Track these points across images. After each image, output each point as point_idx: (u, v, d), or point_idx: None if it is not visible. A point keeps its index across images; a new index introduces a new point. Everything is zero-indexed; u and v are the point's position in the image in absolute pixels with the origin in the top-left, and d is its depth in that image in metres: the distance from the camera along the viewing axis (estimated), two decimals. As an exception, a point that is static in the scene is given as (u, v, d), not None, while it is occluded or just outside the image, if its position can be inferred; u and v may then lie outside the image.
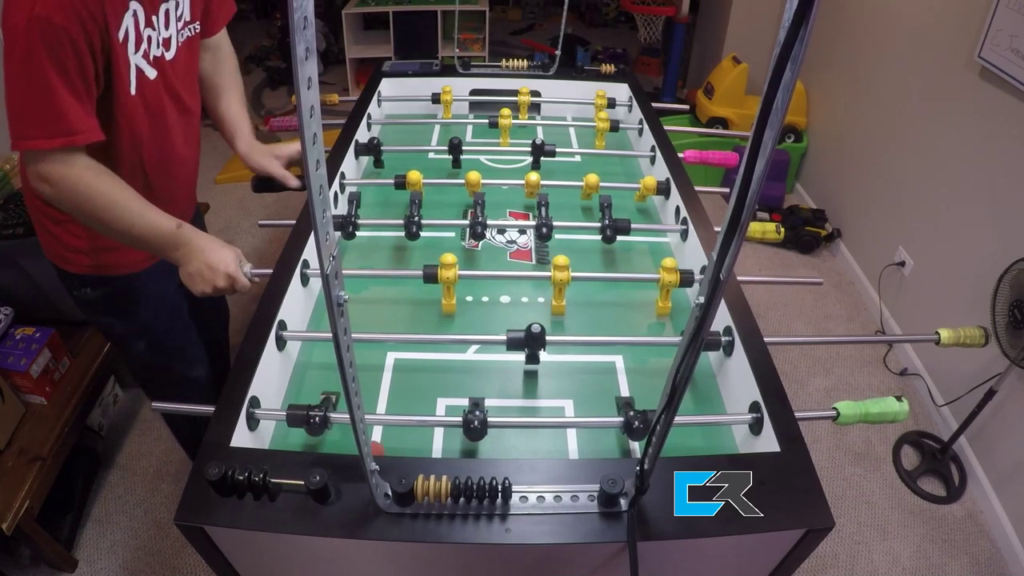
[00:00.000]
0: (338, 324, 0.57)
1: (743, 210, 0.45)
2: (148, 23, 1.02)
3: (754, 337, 1.02)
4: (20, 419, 1.68)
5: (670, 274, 1.15)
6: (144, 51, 1.03)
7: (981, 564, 1.81)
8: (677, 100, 3.99)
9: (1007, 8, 1.85)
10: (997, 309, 1.71)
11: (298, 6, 0.40)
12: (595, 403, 1.03)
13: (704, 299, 0.52)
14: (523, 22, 5.76)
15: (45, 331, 1.74)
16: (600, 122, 1.69)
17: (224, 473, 0.73)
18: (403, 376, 1.07)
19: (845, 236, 2.95)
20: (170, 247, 1.06)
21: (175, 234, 1.05)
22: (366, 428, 0.71)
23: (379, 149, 1.58)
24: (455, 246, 1.37)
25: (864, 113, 2.79)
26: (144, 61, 1.04)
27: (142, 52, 1.02)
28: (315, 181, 0.48)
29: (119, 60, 0.98)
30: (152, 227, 1.03)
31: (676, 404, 0.61)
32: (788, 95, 0.39)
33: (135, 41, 1.00)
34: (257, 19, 5.39)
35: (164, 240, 1.05)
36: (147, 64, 1.04)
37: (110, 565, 1.75)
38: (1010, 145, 1.89)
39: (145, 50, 1.03)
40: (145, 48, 1.03)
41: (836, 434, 2.15)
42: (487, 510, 0.75)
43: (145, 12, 1.01)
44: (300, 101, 0.44)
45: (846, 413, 0.93)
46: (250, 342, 0.98)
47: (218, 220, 3.13)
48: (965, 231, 2.11)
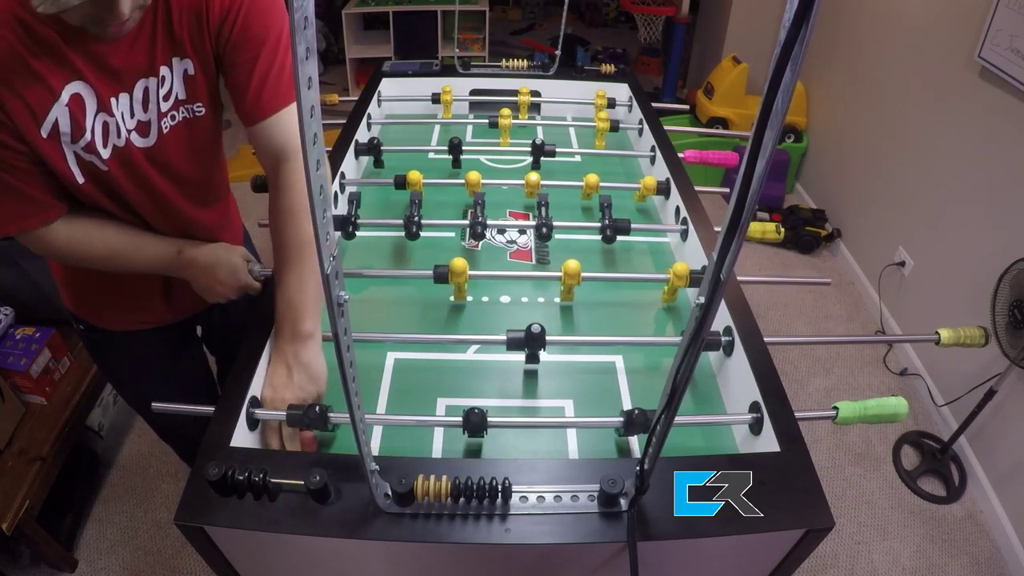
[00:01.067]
0: (338, 324, 0.57)
1: (743, 210, 0.45)
2: (104, 108, 0.86)
3: (754, 337, 1.02)
4: (20, 419, 1.68)
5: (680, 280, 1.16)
6: (89, 143, 0.86)
7: (981, 564, 1.81)
8: (677, 100, 3.99)
9: (1007, 8, 1.85)
10: (997, 309, 1.71)
11: (299, 6, 0.40)
12: (595, 403, 1.03)
13: (704, 299, 0.52)
14: (523, 22, 5.76)
15: (45, 331, 1.74)
16: (600, 122, 1.69)
17: (224, 473, 0.73)
18: (403, 376, 1.07)
19: (845, 236, 2.95)
20: (175, 271, 1.07)
21: (177, 260, 1.05)
22: (366, 428, 0.71)
23: (379, 149, 1.58)
24: (455, 246, 1.37)
25: (864, 113, 2.80)
26: (89, 154, 0.88)
27: (83, 145, 0.86)
28: (315, 181, 0.48)
29: (49, 153, 0.84)
30: (153, 260, 1.04)
31: (676, 404, 0.61)
32: (788, 96, 0.39)
33: (72, 133, 0.84)
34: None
35: (168, 268, 1.06)
36: (95, 157, 0.88)
37: (110, 565, 1.75)
38: (1010, 145, 1.89)
39: (92, 142, 0.86)
40: (93, 140, 0.86)
41: (836, 434, 2.15)
42: (487, 510, 0.75)
43: (100, 94, 0.84)
44: (300, 101, 0.44)
45: (846, 413, 0.93)
46: (250, 342, 0.98)
47: (218, 220, 3.12)
48: (965, 231, 2.11)
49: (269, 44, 0.93)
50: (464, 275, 1.14)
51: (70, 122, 0.83)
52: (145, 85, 0.88)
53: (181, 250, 1.05)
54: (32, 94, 0.79)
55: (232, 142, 3.64)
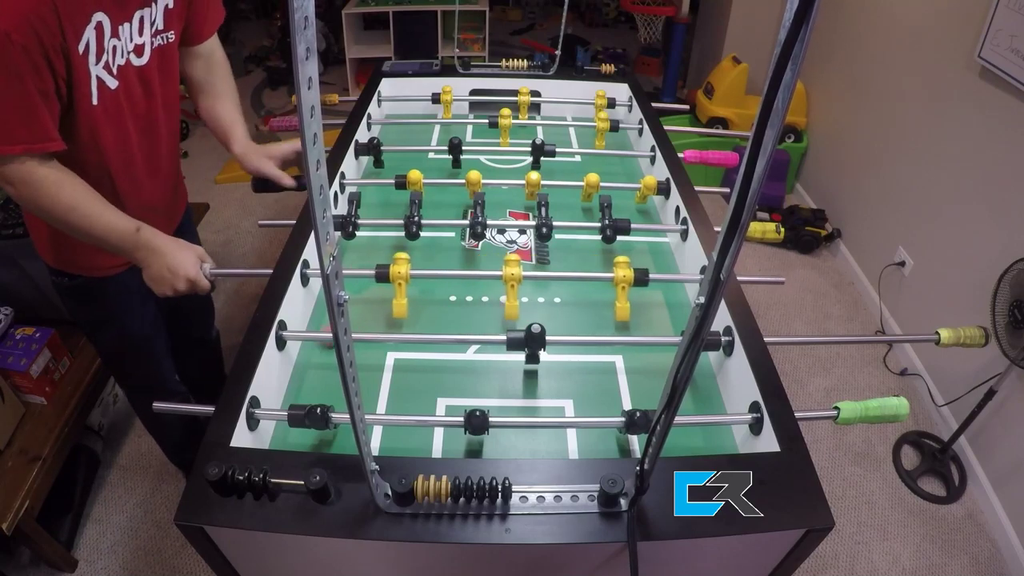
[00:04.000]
0: (338, 324, 0.57)
1: (743, 210, 0.45)
2: (114, 33, 1.02)
3: (754, 337, 1.02)
4: (20, 419, 1.68)
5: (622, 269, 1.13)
6: (106, 62, 1.03)
7: (981, 564, 1.81)
8: (677, 100, 3.99)
9: (1007, 8, 1.85)
10: (997, 309, 1.71)
11: (299, 6, 0.40)
12: (595, 403, 1.03)
13: (704, 299, 0.52)
14: (523, 22, 5.76)
15: (45, 331, 1.74)
16: (600, 122, 1.69)
17: (224, 473, 0.73)
18: (403, 376, 1.07)
19: (845, 236, 2.95)
20: (129, 249, 1.09)
21: (134, 236, 1.08)
22: (366, 428, 0.71)
23: (379, 149, 1.58)
24: (455, 246, 1.37)
25: (864, 113, 2.79)
26: (106, 72, 1.03)
27: (103, 64, 1.02)
28: (315, 181, 0.48)
29: (79, 72, 0.99)
30: (110, 229, 1.06)
31: (676, 404, 0.61)
32: (789, 95, 0.39)
33: (96, 52, 1.00)
34: (257, 19, 5.38)
35: (123, 242, 1.08)
36: (108, 75, 1.04)
37: (110, 565, 1.75)
38: (1010, 145, 1.89)
39: (107, 61, 1.03)
40: (107, 59, 1.03)
41: (836, 434, 2.15)
42: (487, 510, 0.75)
43: (112, 22, 1.01)
44: (300, 101, 0.44)
45: (847, 413, 0.93)
46: (250, 342, 0.98)
47: (218, 220, 3.12)
48: (965, 231, 2.11)
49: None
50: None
51: (96, 43, 0.99)
52: (141, 15, 1.07)
53: (140, 228, 1.08)
54: (73, 15, 0.94)
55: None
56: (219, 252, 2.87)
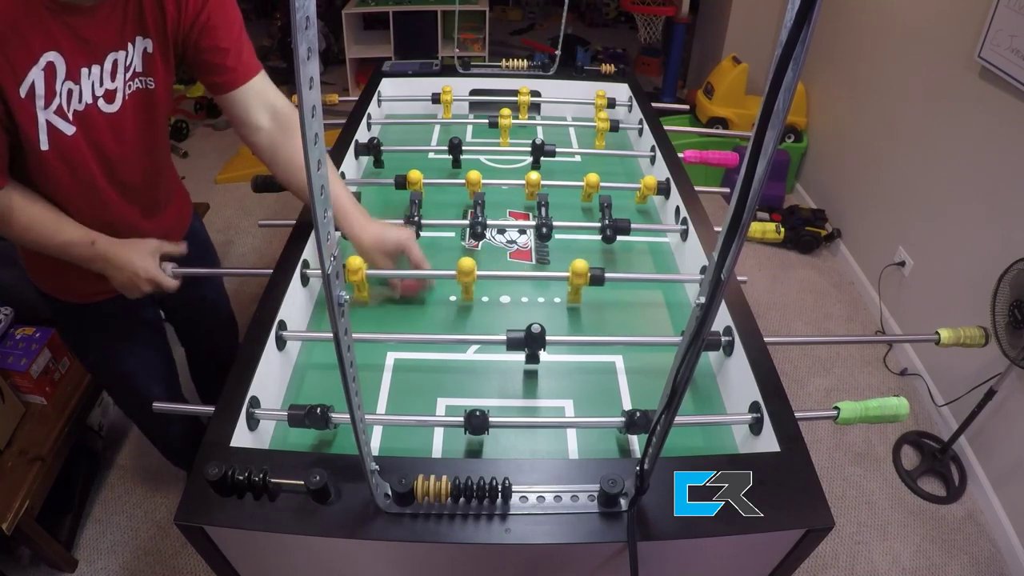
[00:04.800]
0: (338, 324, 0.57)
1: (744, 211, 0.45)
2: (71, 76, 0.94)
3: (754, 337, 1.02)
4: (20, 419, 1.68)
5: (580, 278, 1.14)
6: (59, 107, 0.94)
7: (981, 564, 1.81)
8: (677, 100, 3.99)
9: (1007, 8, 1.85)
10: (997, 309, 1.71)
11: (300, 6, 0.40)
12: (595, 403, 1.03)
13: (704, 299, 0.52)
14: (523, 22, 5.76)
15: (45, 331, 1.74)
16: (600, 122, 1.69)
17: (224, 473, 0.73)
18: (403, 376, 1.07)
19: (845, 236, 2.95)
20: (88, 261, 1.09)
21: (91, 250, 1.07)
22: (366, 428, 0.71)
23: (379, 149, 1.58)
24: (455, 246, 1.37)
25: (864, 113, 2.80)
26: (58, 118, 0.95)
27: (54, 108, 0.93)
28: (316, 181, 0.48)
29: (22, 116, 0.91)
30: (67, 245, 1.05)
31: (676, 404, 0.61)
32: (790, 96, 0.39)
33: (45, 96, 0.91)
34: (257, 19, 5.38)
35: (82, 256, 1.08)
36: (63, 120, 0.95)
37: (110, 565, 1.75)
38: (1010, 145, 1.89)
39: (60, 105, 0.94)
40: (60, 103, 0.94)
41: (836, 434, 2.15)
42: (487, 510, 0.75)
43: (69, 64, 0.92)
44: (302, 101, 0.44)
45: (847, 413, 0.93)
46: (250, 342, 0.98)
47: (218, 220, 3.13)
48: (965, 231, 2.11)
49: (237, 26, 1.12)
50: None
51: (44, 85, 0.91)
52: (115, 58, 0.99)
53: (95, 240, 1.08)
54: (16, 53, 0.86)
55: (232, 142, 3.64)
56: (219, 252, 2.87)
